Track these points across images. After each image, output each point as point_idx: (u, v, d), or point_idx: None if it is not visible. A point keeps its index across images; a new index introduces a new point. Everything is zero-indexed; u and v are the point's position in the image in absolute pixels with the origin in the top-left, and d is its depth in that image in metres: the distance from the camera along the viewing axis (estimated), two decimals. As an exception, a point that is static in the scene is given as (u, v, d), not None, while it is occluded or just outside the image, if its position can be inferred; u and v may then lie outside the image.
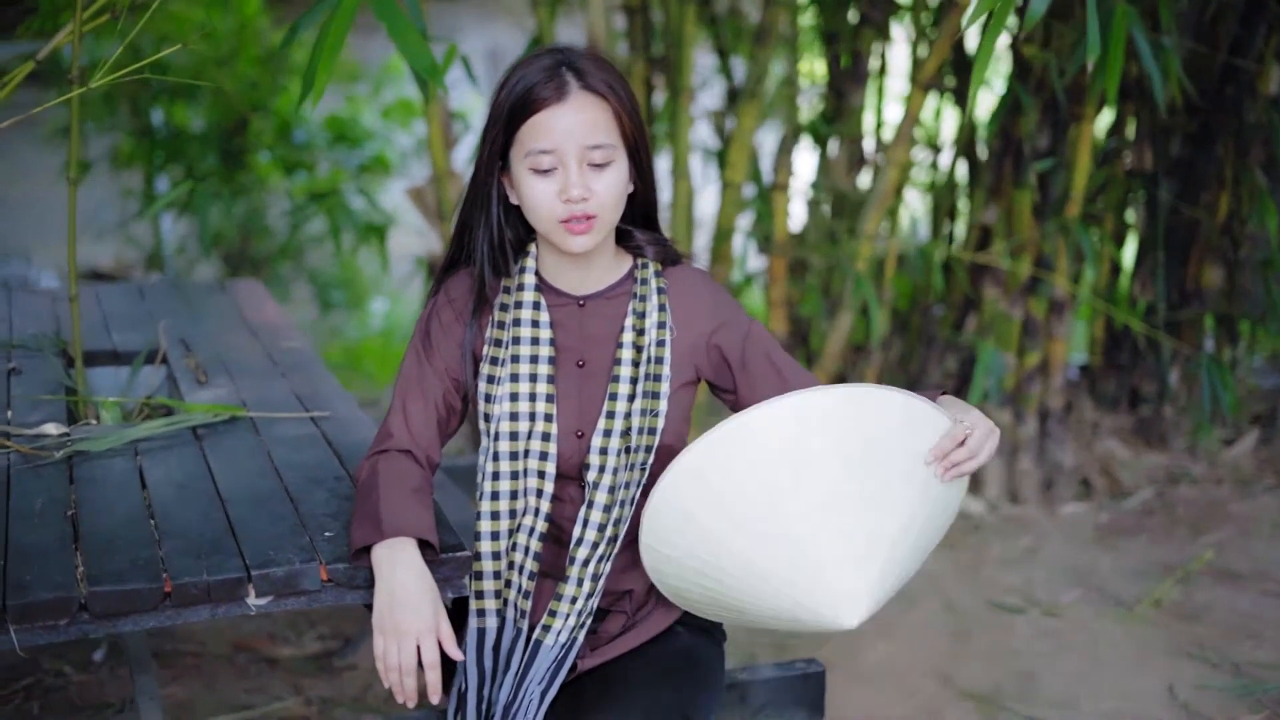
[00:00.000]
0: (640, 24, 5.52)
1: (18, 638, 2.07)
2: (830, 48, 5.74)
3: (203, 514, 2.42)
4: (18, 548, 2.25)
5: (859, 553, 2.15)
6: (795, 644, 4.16)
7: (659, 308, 2.45)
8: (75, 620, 2.10)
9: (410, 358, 2.49)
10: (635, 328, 2.43)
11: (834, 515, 2.14)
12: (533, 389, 2.42)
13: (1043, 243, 5.14)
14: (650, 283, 2.46)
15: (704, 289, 2.51)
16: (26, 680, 3.88)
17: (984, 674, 4.03)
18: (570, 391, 2.45)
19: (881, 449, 2.18)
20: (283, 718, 3.75)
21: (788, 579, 2.16)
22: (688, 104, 5.28)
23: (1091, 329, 5.76)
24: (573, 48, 2.40)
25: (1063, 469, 5.29)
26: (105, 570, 2.16)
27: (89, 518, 2.39)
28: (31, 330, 3.63)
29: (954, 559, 4.82)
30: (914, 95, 5.07)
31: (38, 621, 2.09)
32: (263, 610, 2.21)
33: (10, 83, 3.12)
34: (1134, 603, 4.46)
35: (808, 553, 2.14)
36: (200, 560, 2.21)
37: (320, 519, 2.41)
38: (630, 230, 2.50)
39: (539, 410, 2.42)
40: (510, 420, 2.42)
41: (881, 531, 2.17)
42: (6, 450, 2.71)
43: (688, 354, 2.47)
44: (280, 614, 4.28)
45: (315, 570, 2.22)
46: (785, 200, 5.37)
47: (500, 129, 2.35)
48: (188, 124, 8.56)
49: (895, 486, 2.19)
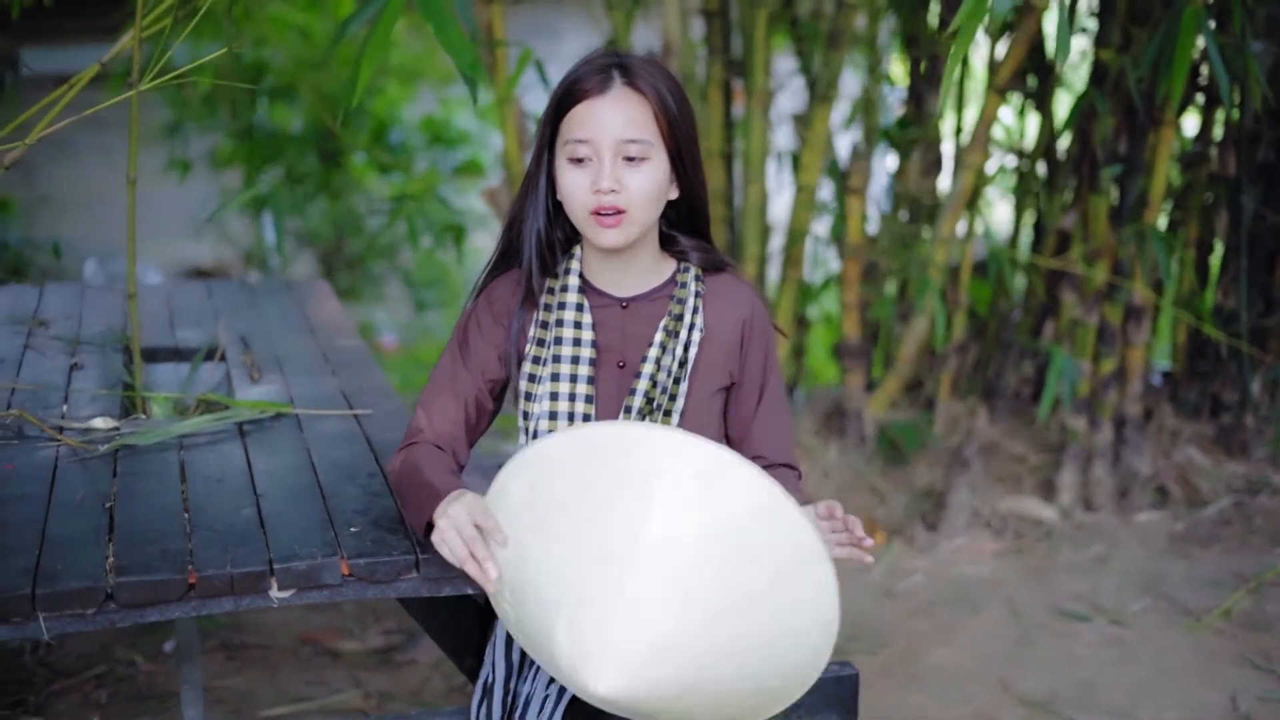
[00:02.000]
0: (719, 27, 5.53)
1: (46, 625, 2.13)
2: (910, 51, 5.73)
3: (236, 508, 2.48)
4: (54, 538, 2.32)
5: (640, 616, 1.99)
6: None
7: (694, 310, 2.47)
8: (102, 610, 2.16)
9: (445, 358, 2.53)
10: (669, 329, 2.45)
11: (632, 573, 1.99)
12: (572, 389, 2.45)
13: (1119, 248, 5.10)
14: (690, 286, 2.48)
15: (744, 299, 2.53)
16: (99, 668, 3.97)
17: (1043, 681, 4.00)
18: (610, 391, 2.48)
19: (735, 540, 2.00)
20: (340, 710, 3.81)
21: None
22: (760, 106, 5.28)
23: (1175, 336, 5.69)
24: (633, 52, 2.44)
25: (1139, 476, 5.23)
26: (134, 561, 2.22)
27: (125, 510, 2.45)
28: (100, 327, 3.72)
29: (1022, 565, 4.80)
30: (989, 99, 5.05)
31: (66, 610, 2.15)
32: (285, 603, 2.26)
33: (77, 84, 3.21)
34: (1203, 612, 4.42)
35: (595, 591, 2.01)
36: (226, 553, 2.27)
37: (348, 514, 2.46)
38: (675, 235, 2.53)
39: (578, 410, 2.45)
40: (549, 419, 2.45)
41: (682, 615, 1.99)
42: (57, 443, 2.79)
43: (720, 359, 2.50)
44: (349, 608, 4.37)
45: (336, 565, 2.27)
46: (860, 204, 5.36)
47: (548, 121, 2.41)
48: (287, 125, 8.69)
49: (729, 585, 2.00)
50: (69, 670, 3.95)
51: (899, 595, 4.59)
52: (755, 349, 2.52)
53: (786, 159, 5.95)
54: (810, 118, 5.33)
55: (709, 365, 2.49)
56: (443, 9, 2.72)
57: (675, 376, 2.44)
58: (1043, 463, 5.34)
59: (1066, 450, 5.23)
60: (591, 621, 2.00)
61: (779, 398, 2.56)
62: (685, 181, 2.45)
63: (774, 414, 2.55)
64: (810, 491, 5.21)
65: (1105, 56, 4.90)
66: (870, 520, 5.06)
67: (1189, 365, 5.65)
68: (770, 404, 2.55)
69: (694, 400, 2.47)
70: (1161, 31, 4.21)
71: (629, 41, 5.36)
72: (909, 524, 5.05)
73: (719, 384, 2.51)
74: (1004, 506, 5.11)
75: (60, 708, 3.75)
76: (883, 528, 5.04)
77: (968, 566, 4.79)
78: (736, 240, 5.52)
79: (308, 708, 3.82)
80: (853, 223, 5.35)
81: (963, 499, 5.04)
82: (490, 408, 2.54)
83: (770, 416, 2.55)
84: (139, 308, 3.30)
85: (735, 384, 2.53)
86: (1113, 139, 5.04)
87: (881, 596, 4.59)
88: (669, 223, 2.52)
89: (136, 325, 3.19)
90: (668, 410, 2.44)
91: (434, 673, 4.01)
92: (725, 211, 5.58)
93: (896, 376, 5.47)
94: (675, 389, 2.44)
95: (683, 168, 2.43)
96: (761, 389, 2.54)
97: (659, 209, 2.42)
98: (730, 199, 5.57)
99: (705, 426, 2.50)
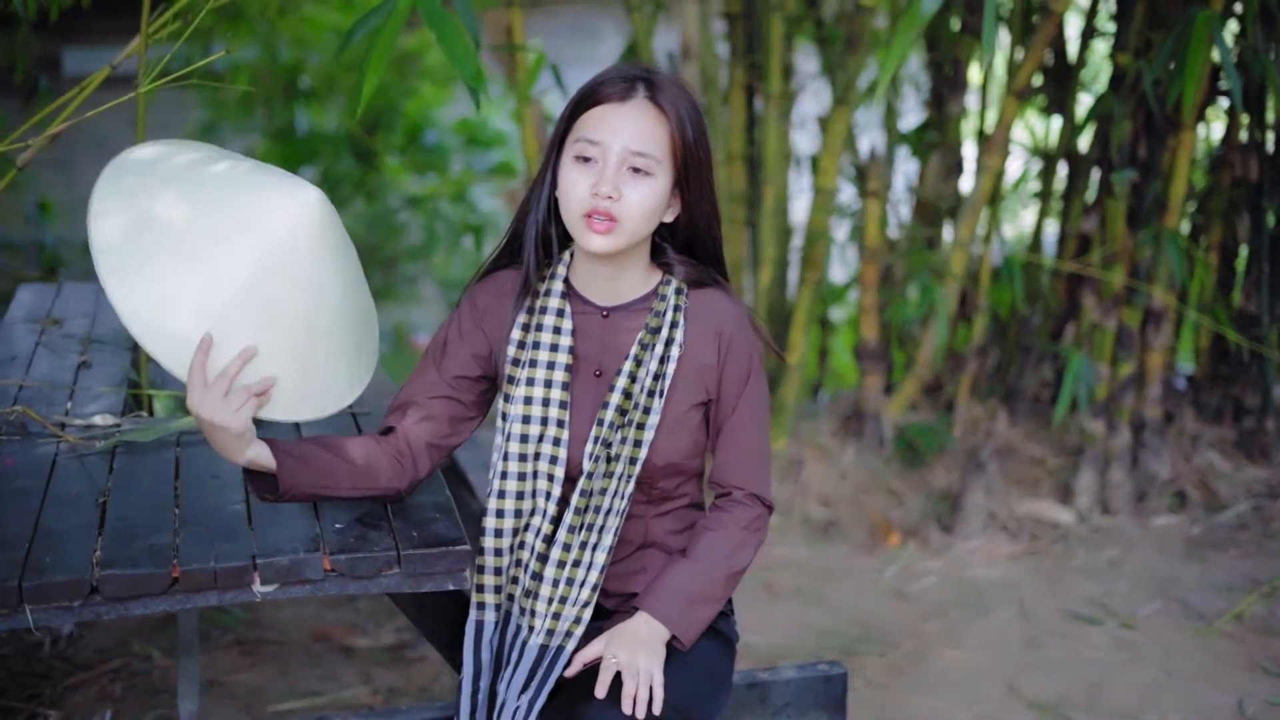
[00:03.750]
0: (741, 29, 5.56)
1: (33, 616, 2.19)
2: (931, 55, 5.73)
3: (225, 504, 2.53)
4: (45, 531, 2.38)
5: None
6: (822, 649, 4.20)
7: (672, 324, 2.49)
8: (88, 602, 2.22)
9: (422, 361, 2.57)
10: (644, 342, 2.48)
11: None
12: (547, 394, 2.48)
13: (1136, 252, 5.09)
14: (670, 300, 2.50)
15: (727, 315, 2.53)
16: (115, 662, 4.03)
17: (1051, 683, 4.01)
18: (585, 399, 2.50)
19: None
20: (349, 705, 3.86)
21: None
22: (778, 109, 5.31)
23: (1197, 340, 5.68)
24: (665, 73, 2.47)
25: (1157, 480, 5.22)
26: (120, 555, 2.28)
27: (118, 505, 2.51)
28: (112, 326, 3.78)
29: (1036, 568, 4.80)
30: (1008, 103, 5.06)
31: (52, 602, 2.21)
32: (269, 597, 2.31)
33: (88, 87, 3.26)
34: (1215, 617, 4.41)
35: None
36: (212, 548, 2.32)
37: (334, 511, 2.50)
38: (665, 248, 2.55)
39: (551, 415, 2.48)
40: (523, 423, 2.49)
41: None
42: (58, 440, 2.84)
43: (696, 375, 2.50)
44: (364, 606, 4.42)
45: (319, 560, 2.32)
46: (879, 207, 5.37)
47: (565, 117, 2.44)
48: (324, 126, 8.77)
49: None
50: (86, 664, 4.01)
51: (911, 597, 4.61)
52: (732, 370, 2.52)
53: (807, 162, 5.97)
54: (829, 121, 5.34)
55: (684, 381, 2.50)
56: (446, 16, 2.76)
57: (649, 390, 2.46)
58: (1061, 466, 5.34)
59: (1084, 454, 5.23)
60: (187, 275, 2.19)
61: (749, 422, 2.54)
62: (688, 207, 2.48)
63: (738, 438, 2.54)
64: (828, 491, 5.24)
65: (1123, 61, 4.90)
66: (886, 522, 5.08)
67: (1211, 369, 5.63)
68: (737, 428, 2.54)
69: (669, 416, 2.49)
70: (1174, 36, 4.21)
71: (650, 44, 5.39)
72: (924, 526, 5.07)
73: (695, 400, 2.51)
74: (1020, 509, 5.12)
75: (76, 700, 3.81)
76: (898, 529, 5.06)
77: (981, 569, 4.80)
78: (756, 242, 5.55)
79: (316, 703, 3.86)
80: (871, 225, 5.37)
81: (978, 501, 5.05)
82: (468, 403, 2.54)
83: (733, 441, 2.54)
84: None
85: (713, 400, 2.54)
86: (1131, 143, 5.04)
87: (893, 598, 4.60)
88: (662, 236, 2.55)
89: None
90: (640, 424, 2.46)
91: (443, 670, 4.05)
92: (747, 214, 5.60)
93: (915, 379, 5.48)
94: (649, 402, 2.46)
95: (687, 193, 2.46)
96: (732, 411, 2.54)
97: (652, 226, 2.44)
98: (753, 201, 5.59)
99: (679, 442, 2.51)
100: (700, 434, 2.55)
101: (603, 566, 2.46)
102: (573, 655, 2.44)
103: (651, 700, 2.31)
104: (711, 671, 2.52)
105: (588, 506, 2.45)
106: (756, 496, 2.57)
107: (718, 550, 2.51)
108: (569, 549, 2.45)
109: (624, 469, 2.45)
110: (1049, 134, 5.76)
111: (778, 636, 4.28)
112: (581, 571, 2.45)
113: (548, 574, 2.45)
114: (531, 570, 2.47)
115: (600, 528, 2.46)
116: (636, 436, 2.45)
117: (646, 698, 2.31)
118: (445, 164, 8.96)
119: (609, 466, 2.45)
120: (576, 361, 2.51)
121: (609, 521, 2.46)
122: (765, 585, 4.66)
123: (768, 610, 4.49)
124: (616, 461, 2.45)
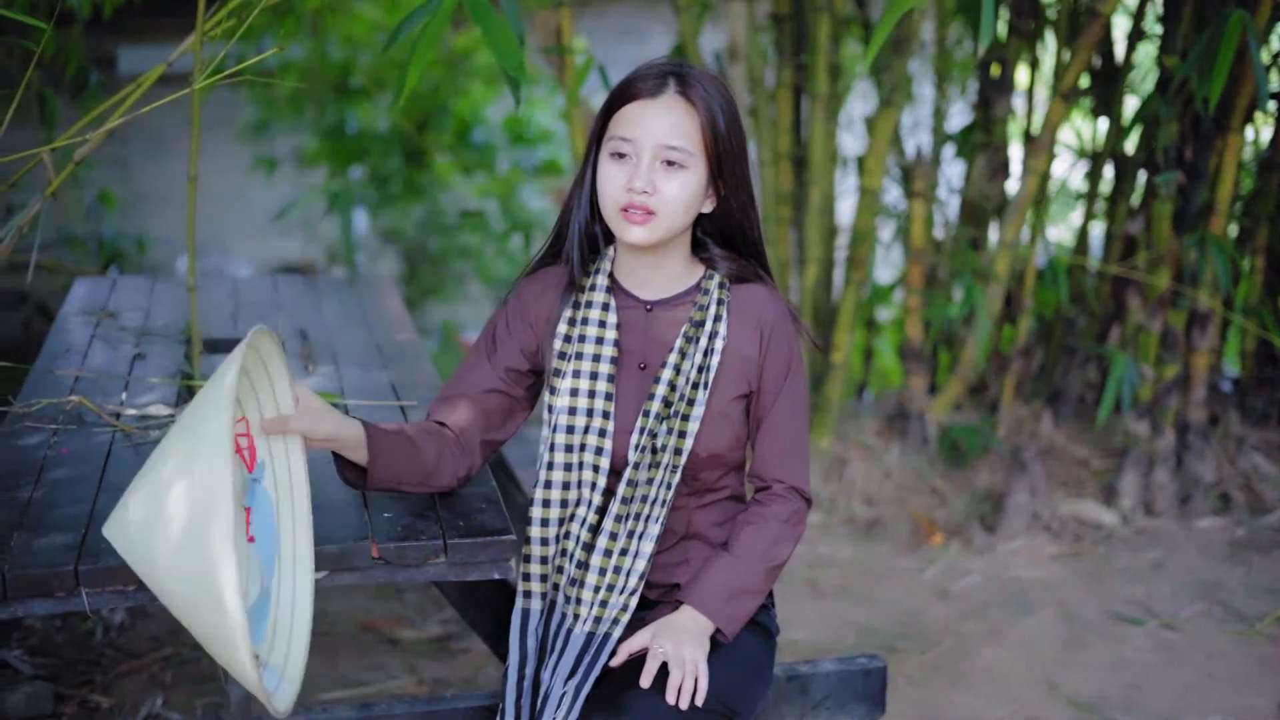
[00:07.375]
0: (789, 30, 5.58)
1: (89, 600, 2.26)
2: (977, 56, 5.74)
3: (275, 493, 2.57)
4: (101, 518, 2.41)
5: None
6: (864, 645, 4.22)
7: (715, 318, 2.53)
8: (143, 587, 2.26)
9: (471, 356, 2.62)
10: (689, 335, 2.52)
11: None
12: (592, 386, 2.53)
13: (1181, 255, 5.09)
14: (713, 294, 2.55)
15: (769, 308, 2.58)
16: (165, 650, 4.08)
17: (1090, 683, 4.03)
18: (630, 391, 2.55)
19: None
20: (394, 695, 3.91)
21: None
22: (824, 109, 5.33)
23: (1242, 343, 5.67)
24: (697, 66, 2.52)
25: (1201, 482, 5.22)
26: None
27: (171, 493, 2.55)
28: (166, 319, 3.84)
29: (1079, 568, 4.81)
30: (1054, 105, 5.07)
31: (107, 586, 2.28)
32: (320, 584, 2.35)
33: (144, 84, 3.31)
34: (1257, 619, 4.41)
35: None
36: (263, 535, 2.36)
37: (382, 501, 2.55)
38: (707, 242, 2.60)
39: (597, 407, 2.52)
40: (569, 415, 2.53)
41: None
42: (113, 429, 2.90)
43: (739, 367, 2.55)
44: (411, 598, 4.47)
45: (367, 548, 2.37)
46: (925, 207, 5.39)
47: (601, 117, 2.50)
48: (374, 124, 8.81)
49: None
50: (137, 652, 4.07)
51: (953, 596, 4.63)
52: (772, 364, 2.57)
53: (853, 162, 5.98)
54: (875, 122, 5.36)
55: (727, 373, 2.55)
56: (491, 12, 2.80)
57: (694, 383, 2.51)
58: (1105, 467, 5.35)
59: (1128, 455, 5.23)
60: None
61: (789, 415, 2.59)
62: (724, 198, 2.52)
63: (778, 432, 2.59)
64: (872, 490, 5.26)
65: (1170, 63, 4.90)
66: (929, 521, 5.10)
67: (1256, 372, 5.62)
68: (776, 421, 2.59)
69: (712, 408, 2.54)
70: (1206, 37, 4.22)
71: (697, 44, 5.42)
72: (968, 526, 5.08)
73: (737, 391, 2.56)
74: (1064, 510, 5.13)
75: (127, 687, 3.87)
76: (941, 529, 5.08)
77: (1024, 569, 4.81)
78: (801, 242, 5.57)
79: (362, 693, 3.91)
80: (916, 226, 5.39)
81: (1022, 501, 5.06)
82: (519, 396, 2.61)
83: (773, 435, 2.59)
84: (205, 301, 3.41)
85: (754, 393, 2.58)
86: (1178, 145, 5.04)
87: (935, 597, 4.62)
88: (704, 231, 2.59)
89: (194, 317, 3.29)
90: (685, 415, 2.50)
91: (488, 661, 4.09)
92: (792, 214, 5.63)
93: (959, 379, 5.50)
94: (694, 395, 2.50)
95: (722, 184, 2.50)
96: (772, 404, 2.58)
97: (689, 218, 2.49)
98: (799, 201, 5.61)
99: (722, 433, 2.56)
100: (742, 426, 2.59)
101: (650, 556, 2.50)
102: (618, 645, 2.48)
103: (696, 691, 2.35)
104: (753, 664, 2.56)
105: (633, 497, 2.49)
106: (796, 490, 2.61)
107: (758, 544, 2.54)
108: (615, 538, 2.49)
109: (669, 459, 2.49)
110: (1095, 136, 5.76)
111: (820, 633, 4.32)
112: (629, 560, 2.50)
113: (594, 563, 2.50)
114: (577, 560, 2.51)
115: (646, 517, 2.50)
116: (681, 428, 2.49)
117: (691, 688, 2.35)
118: (493, 162, 8.98)
119: (654, 458, 2.49)
120: (621, 355, 2.55)
121: (655, 511, 2.50)
122: (809, 582, 4.69)
123: (811, 607, 4.52)
124: (662, 453, 2.49)
